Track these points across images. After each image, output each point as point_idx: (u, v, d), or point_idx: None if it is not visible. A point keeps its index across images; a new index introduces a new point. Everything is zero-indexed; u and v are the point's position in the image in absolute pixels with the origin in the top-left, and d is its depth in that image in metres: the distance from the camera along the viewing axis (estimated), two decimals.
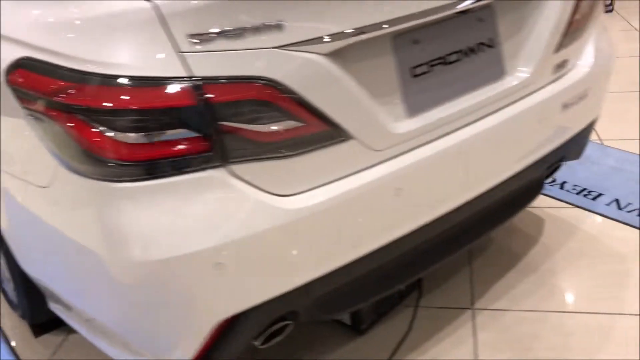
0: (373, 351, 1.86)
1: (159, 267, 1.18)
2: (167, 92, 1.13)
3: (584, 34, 1.80)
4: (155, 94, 1.12)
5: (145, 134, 1.13)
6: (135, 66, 1.12)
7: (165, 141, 1.14)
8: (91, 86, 1.13)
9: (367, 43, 1.34)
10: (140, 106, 1.12)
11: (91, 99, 1.13)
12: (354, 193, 1.33)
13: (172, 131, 1.14)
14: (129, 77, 1.12)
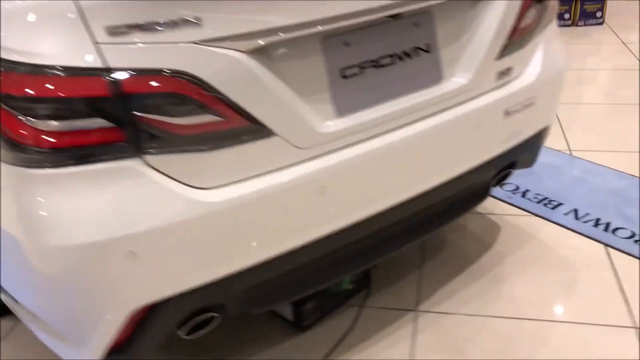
0: (312, 348, 1.89)
1: (73, 252, 1.21)
2: (83, 82, 1.16)
3: (531, 43, 1.81)
4: (71, 83, 1.15)
5: (60, 122, 1.16)
6: (53, 56, 1.15)
7: (81, 130, 1.17)
8: (10, 74, 1.16)
9: (295, 43, 1.37)
10: (56, 95, 1.15)
11: (10, 86, 1.16)
12: (276, 189, 1.36)
13: (87, 120, 1.17)
14: (46, 67, 1.15)
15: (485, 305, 2.02)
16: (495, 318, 1.97)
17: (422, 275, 2.19)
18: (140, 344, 1.39)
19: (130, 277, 1.27)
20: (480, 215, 2.53)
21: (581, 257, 2.23)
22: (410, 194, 1.63)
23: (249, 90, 1.28)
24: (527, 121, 1.87)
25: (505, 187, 2.72)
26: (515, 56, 1.77)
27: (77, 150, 1.18)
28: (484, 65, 1.68)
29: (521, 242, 2.35)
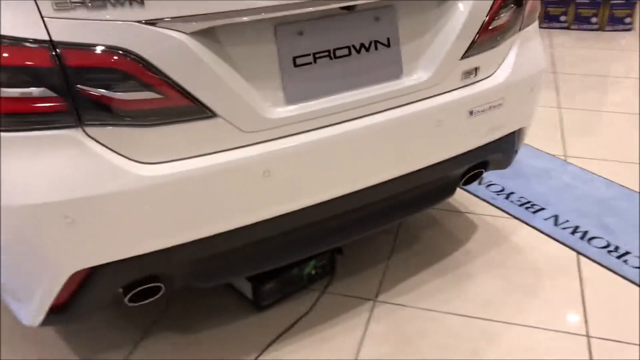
0: (267, 328, 1.94)
1: (14, 213, 1.29)
2: (29, 52, 1.22)
3: (502, 45, 1.81)
4: (18, 52, 1.22)
5: (5, 89, 1.23)
6: (10, 26, 1.22)
7: (24, 98, 1.24)
8: None
9: (246, 28, 1.41)
10: (3, 63, 1.22)
11: None
12: (219, 169, 1.41)
13: (31, 89, 1.24)
14: None
15: (444, 302, 2.04)
16: (450, 315, 1.99)
17: (388, 267, 2.22)
18: (80, 307, 1.47)
19: (67, 241, 1.33)
20: (458, 214, 2.54)
21: (551, 263, 2.22)
22: (363, 184, 1.66)
23: (191, 71, 1.32)
24: (495, 122, 1.87)
25: (490, 188, 2.72)
26: (482, 57, 1.77)
27: (20, 117, 1.25)
28: (447, 63, 1.69)
29: (494, 243, 2.35)
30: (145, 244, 1.41)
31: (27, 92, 1.23)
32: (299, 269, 2.06)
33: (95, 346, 1.89)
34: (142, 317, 1.99)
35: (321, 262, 2.12)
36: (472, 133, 1.83)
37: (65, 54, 1.23)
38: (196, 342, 1.90)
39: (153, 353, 1.86)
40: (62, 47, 1.23)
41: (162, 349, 1.87)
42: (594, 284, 2.11)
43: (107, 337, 1.92)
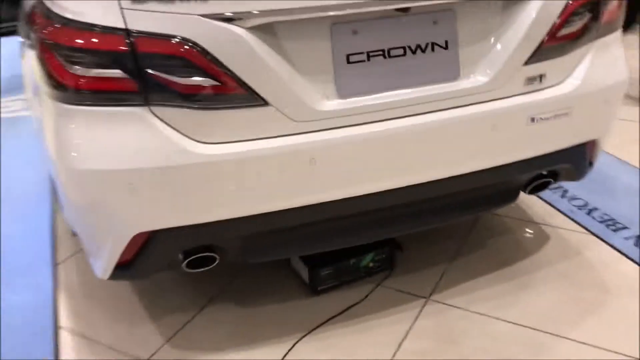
0: (317, 311, 2.04)
1: (85, 176, 1.50)
2: (108, 38, 1.42)
3: (574, 52, 1.79)
4: (99, 38, 1.42)
5: (88, 69, 1.43)
6: (89, 15, 1.42)
7: (102, 77, 1.44)
8: (60, 27, 1.45)
9: (303, 25, 1.53)
10: (86, 46, 1.42)
11: (58, 36, 1.45)
12: (267, 153, 1.54)
13: (108, 70, 1.44)
14: (83, 23, 1.42)
15: (497, 307, 2.04)
16: (501, 320, 1.98)
17: (448, 268, 2.24)
18: (142, 266, 1.66)
19: (130, 206, 1.53)
20: (533, 224, 2.49)
21: (620, 282, 2.14)
22: (410, 181, 1.71)
23: (246, 63, 1.46)
24: (560, 132, 1.84)
25: (572, 202, 2.64)
26: (549, 64, 1.76)
27: (99, 94, 1.45)
28: (508, 68, 1.70)
29: (564, 256, 2.29)
30: (199, 215, 1.57)
31: (104, 73, 1.43)
32: (357, 259, 2.15)
33: (164, 304, 2.09)
34: (210, 286, 2.17)
35: (380, 256, 2.19)
36: (533, 141, 1.82)
37: (136, 41, 1.41)
38: (252, 315, 2.05)
39: (213, 320, 2.03)
40: (135, 34, 1.41)
41: (222, 317, 2.04)
42: None
43: (175, 300, 2.12)
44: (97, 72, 1.43)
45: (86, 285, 2.22)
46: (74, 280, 2.26)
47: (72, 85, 1.45)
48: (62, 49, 1.45)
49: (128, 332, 1.99)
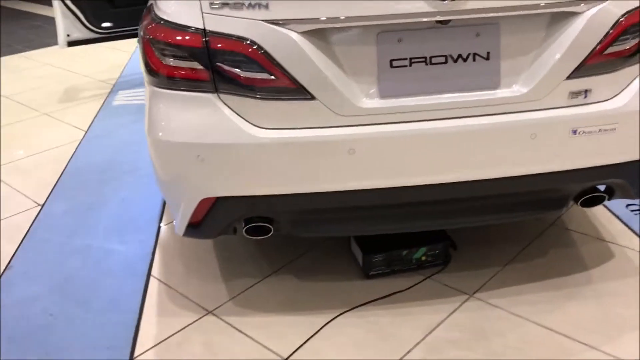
0: (364, 293, 2.24)
1: (165, 146, 1.84)
2: (191, 36, 1.75)
3: (623, 71, 1.83)
4: (184, 36, 1.75)
5: (173, 59, 1.78)
6: (179, 16, 1.76)
7: (184, 67, 1.77)
8: (156, 25, 1.81)
9: (352, 32, 1.76)
10: (175, 42, 1.76)
11: (154, 32, 1.81)
12: (313, 140, 1.79)
13: (188, 62, 1.76)
14: (171, 23, 1.77)
15: (537, 312, 2.11)
16: (536, 325, 2.06)
17: (502, 271, 2.33)
18: (209, 227, 1.98)
19: (198, 174, 1.85)
20: (599, 241, 2.49)
21: None
22: (447, 179, 1.87)
23: (298, 62, 1.72)
24: (606, 147, 1.89)
25: None
26: (595, 80, 1.82)
27: (181, 81, 1.79)
28: (549, 81, 1.79)
29: (622, 275, 2.29)
30: (252, 188, 1.85)
31: (185, 64, 1.77)
32: (409, 251, 2.32)
33: (236, 269, 2.41)
34: (278, 260, 2.46)
35: (433, 251, 2.34)
36: (575, 153, 1.88)
37: (211, 39, 1.73)
38: (307, 288, 2.30)
39: (272, 288, 2.31)
40: (210, 34, 1.72)
41: (280, 287, 2.31)
42: None
43: (246, 267, 2.43)
44: (180, 63, 1.77)
45: (179, 245, 2.60)
46: (171, 240, 2.65)
47: (162, 73, 1.81)
48: (157, 43, 1.80)
49: (201, 286, 2.34)
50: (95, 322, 2.19)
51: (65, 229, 2.78)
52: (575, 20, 1.77)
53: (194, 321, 2.17)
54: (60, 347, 2.07)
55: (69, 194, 3.11)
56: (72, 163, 3.45)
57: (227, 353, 2.01)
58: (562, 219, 2.66)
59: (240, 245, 2.57)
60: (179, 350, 2.04)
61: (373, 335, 2.06)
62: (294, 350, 2.01)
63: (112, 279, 2.42)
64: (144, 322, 2.17)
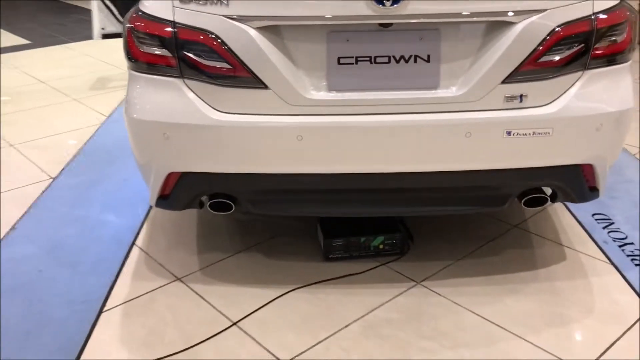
0: (321, 273, 2.42)
1: (137, 124, 2.08)
2: (162, 27, 1.98)
3: (558, 79, 1.96)
4: (157, 26, 1.99)
5: (146, 46, 2.01)
6: (154, 9, 2.00)
7: (155, 54, 2.00)
8: (136, 16, 2.05)
9: (304, 30, 1.95)
10: (149, 31, 2.00)
11: (134, 22, 2.05)
12: (266, 126, 1.99)
13: (159, 49, 1.99)
14: (148, 15, 2.00)
15: (475, 303, 2.25)
16: (471, 313, 2.20)
17: (454, 264, 2.48)
18: (177, 199, 2.20)
19: (165, 150, 2.07)
20: (557, 245, 2.60)
21: (610, 310, 2.21)
22: (387, 169, 2.04)
23: (253, 54, 1.93)
24: (540, 150, 2.02)
25: (612, 234, 2.68)
26: (530, 86, 1.96)
27: (153, 66, 2.02)
28: (484, 84, 1.95)
29: (569, 277, 2.40)
30: (212, 166, 2.07)
31: (157, 51, 2.00)
32: (367, 239, 2.49)
33: (211, 244, 2.63)
34: (250, 238, 2.67)
35: (390, 240, 2.51)
36: (509, 153, 2.02)
37: (179, 30, 1.95)
38: (270, 265, 2.50)
39: (239, 263, 2.52)
40: (178, 25, 1.95)
41: (247, 262, 2.52)
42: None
43: (221, 242, 2.65)
44: (153, 50, 2.00)
45: (165, 221, 2.84)
46: (159, 216, 2.89)
47: (138, 58, 2.04)
48: (136, 32, 2.04)
49: (177, 257, 2.56)
50: (77, 280, 2.44)
51: (69, 201, 3.06)
52: (510, 30, 1.92)
53: (163, 285, 2.39)
54: (42, 299, 2.33)
55: (79, 171, 3.40)
56: (88, 144, 3.76)
57: (185, 314, 2.23)
58: (527, 222, 2.78)
59: (220, 224, 2.79)
60: (144, 309, 2.27)
61: (318, 310, 2.24)
62: (244, 316, 2.21)
63: (100, 245, 2.67)
64: (119, 284, 2.41)
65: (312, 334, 2.13)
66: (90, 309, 2.26)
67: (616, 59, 2.02)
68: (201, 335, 2.12)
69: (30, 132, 3.94)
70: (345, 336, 2.12)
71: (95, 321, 2.20)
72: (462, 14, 1.91)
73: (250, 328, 2.16)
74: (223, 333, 2.14)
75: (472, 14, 1.91)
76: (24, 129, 4.01)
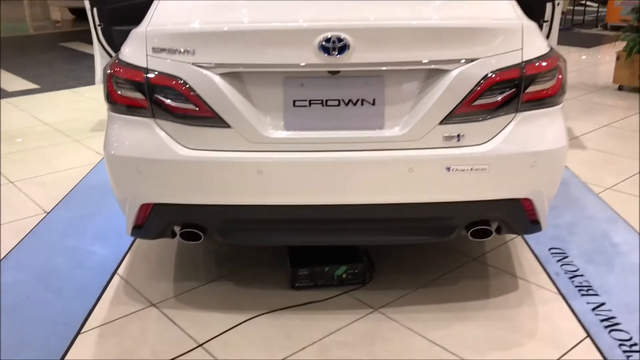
0: (286, 301, 2.60)
1: (113, 159, 2.30)
2: (136, 73, 2.22)
3: (492, 120, 2.17)
4: (131, 72, 2.23)
5: (122, 90, 2.25)
6: (130, 57, 2.25)
7: (130, 97, 2.24)
8: (114, 63, 2.30)
9: (263, 76, 2.18)
10: (125, 77, 2.24)
11: (112, 68, 2.30)
12: (229, 161, 2.20)
13: (134, 93, 2.23)
14: (125, 62, 2.25)
15: (427, 329, 2.41)
16: (421, 337, 2.36)
17: (412, 293, 2.64)
18: (150, 229, 2.40)
19: (138, 183, 2.29)
20: (511, 276, 2.76)
21: (551, 335, 2.36)
22: (338, 200, 2.24)
23: (217, 98, 2.16)
24: (478, 185, 2.21)
25: (565, 266, 2.83)
26: (466, 126, 2.17)
27: (128, 107, 2.26)
28: (423, 125, 2.16)
29: (519, 304, 2.55)
30: (180, 198, 2.28)
31: (131, 94, 2.23)
32: (331, 268, 2.67)
33: (187, 272, 2.82)
34: (225, 267, 2.85)
35: (353, 270, 2.68)
36: (449, 188, 2.21)
37: (150, 75, 2.19)
38: (241, 293, 2.67)
39: (211, 290, 2.70)
40: (150, 71, 2.19)
41: (218, 290, 2.70)
42: None
43: (196, 271, 2.83)
44: (128, 93, 2.24)
45: (147, 251, 3.04)
46: (142, 247, 3.09)
47: (116, 100, 2.28)
48: (114, 77, 2.28)
49: (154, 284, 2.75)
50: (60, 304, 2.63)
51: (61, 232, 3.28)
52: (445, 76, 2.14)
53: (138, 310, 2.58)
54: (26, 320, 2.52)
55: (72, 205, 3.63)
56: (83, 181, 4.00)
57: (156, 336, 2.41)
58: (486, 255, 2.95)
59: (198, 254, 2.99)
60: (118, 331, 2.45)
61: (280, 333, 2.41)
62: (210, 338, 2.38)
63: (84, 273, 2.87)
64: (98, 308, 2.60)
65: (271, 355, 2.29)
66: (70, 330, 2.45)
67: (547, 103, 2.23)
68: (169, 355, 2.30)
69: (30, 170, 4.20)
70: (302, 357, 2.28)
71: (73, 340, 2.39)
72: (401, 62, 2.14)
73: (215, 349, 2.33)
74: (190, 353, 2.31)
75: (410, 62, 2.14)
76: (25, 167, 4.27)
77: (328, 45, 2.09)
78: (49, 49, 9.17)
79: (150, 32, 2.21)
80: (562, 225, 3.22)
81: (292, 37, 2.15)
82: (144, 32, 2.22)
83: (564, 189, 3.63)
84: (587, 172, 3.96)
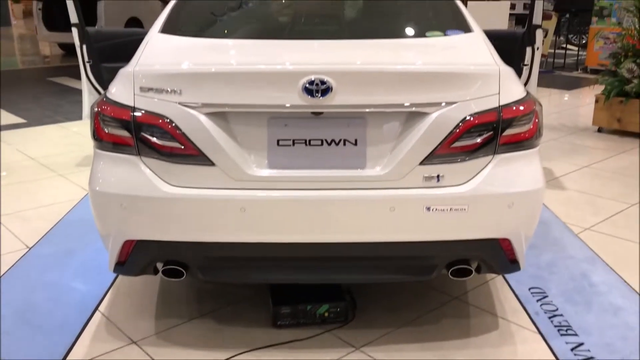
0: (268, 339, 2.60)
1: (97, 195, 2.32)
2: (123, 111, 2.26)
3: (470, 162, 2.23)
4: (119, 111, 2.27)
5: (109, 128, 2.29)
6: (118, 96, 2.29)
7: (117, 135, 2.28)
8: (102, 101, 2.34)
9: (247, 116, 2.23)
10: (112, 115, 2.28)
11: (100, 106, 2.34)
12: (213, 198, 2.23)
13: (120, 131, 2.27)
14: (113, 101, 2.29)
15: None
16: None
17: (394, 331, 2.65)
18: (133, 265, 2.41)
19: (122, 219, 2.31)
20: (491, 315, 2.78)
21: None
22: (321, 239, 2.27)
23: (202, 136, 2.20)
24: (457, 225, 2.26)
25: (544, 306, 2.86)
26: (445, 167, 2.22)
27: (113, 145, 2.29)
28: (404, 165, 2.21)
29: (499, 343, 2.58)
30: (166, 234, 2.29)
31: (118, 132, 2.27)
32: (313, 307, 2.68)
33: (169, 310, 2.81)
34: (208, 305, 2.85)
35: (335, 308, 2.69)
36: (429, 227, 2.26)
37: (137, 114, 2.23)
38: (223, 331, 2.67)
39: (194, 329, 2.69)
40: (137, 110, 2.24)
41: (201, 329, 2.69)
42: None
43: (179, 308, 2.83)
44: (115, 131, 2.28)
45: (129, 288, 3.03)
46: (124, 284, 3.09)
47: (102, 138, 2.32)
48: (101, 115, 2.32)
49: (135, 322, 2.74)
50: (40, 341, 2.61)
51: (42, 268, 3.26)
52: (425, 119, 2.20)
53: (119, 348, 2.56)
54: (4, 356, 2.49)
55: (55, 241, 3.62)
56: (67, 216, 3.99)
57: None
58: (467, 294, 2.97)
59: (180, 292, 2.98)
60: None
61: None
62: None
63: (65, 310, 2.85)
64: (78, 345, 2.58)
65: None
66: None
67: (524, 145, 2.29)
68: None
69: (14, 205, 4.18)
70: None
71: None
72: (383, 104, 2.20)
73: None
74: None
75: (392, 104, 2.20)
76: (8, 201, 4.25)
77: (312, 87, 2.15)
78: (37, 84, 9.23)
79: (138, 72, 2.26)
80: (542, 265, 3.26)
81: (277, 79, 2.21)
82: (132, 72, 2.27)
83: (544, 228, 3.70)
84: (567, 212, 4.03)
